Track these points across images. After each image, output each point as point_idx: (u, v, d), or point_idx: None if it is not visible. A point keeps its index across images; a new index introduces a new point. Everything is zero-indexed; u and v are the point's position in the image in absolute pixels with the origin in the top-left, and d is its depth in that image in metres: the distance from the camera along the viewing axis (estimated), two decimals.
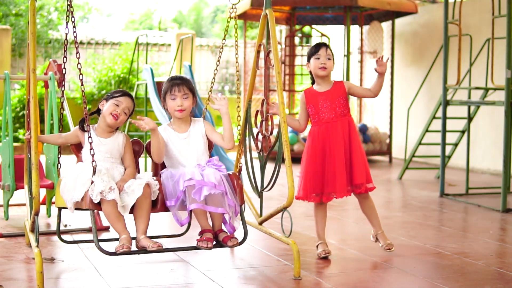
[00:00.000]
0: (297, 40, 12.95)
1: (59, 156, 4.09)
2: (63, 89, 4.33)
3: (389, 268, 3.94)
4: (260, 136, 4.26)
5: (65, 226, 4.90)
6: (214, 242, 3.61)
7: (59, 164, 4.02)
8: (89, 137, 3.48)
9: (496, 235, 5.05)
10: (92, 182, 3.41)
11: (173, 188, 3.58)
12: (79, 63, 3.50)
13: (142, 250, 3.45)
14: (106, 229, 4.77)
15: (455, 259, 4.17)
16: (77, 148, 3.80)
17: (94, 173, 3.41)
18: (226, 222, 3.69)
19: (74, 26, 3.53)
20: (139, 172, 3.78)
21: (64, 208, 3.66)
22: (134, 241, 3.54)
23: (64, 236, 4.62)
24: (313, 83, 4.29)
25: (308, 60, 4.21)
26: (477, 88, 7.12)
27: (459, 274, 3.84)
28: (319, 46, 4.18)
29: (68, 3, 3.57)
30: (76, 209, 3.53)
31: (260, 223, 4.24)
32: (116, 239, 3.68)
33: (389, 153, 10.45)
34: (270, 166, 4.09)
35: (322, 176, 4.15)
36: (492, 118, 8.98)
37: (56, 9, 15.93)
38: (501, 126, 7.79)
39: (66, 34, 3.60)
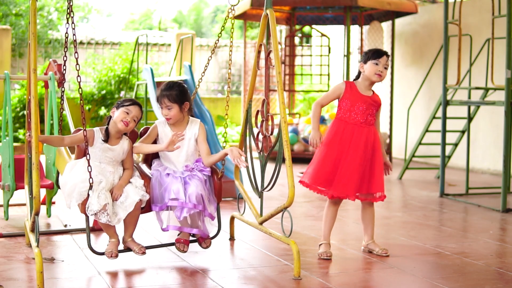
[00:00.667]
0: (297, 40, 12.96)
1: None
2: (62, 89, 4.36)
3: (389, 268, 3.94)
4: (260, 136, 4.27)
5: (65, 226, 4.90)
6: (191, 238, 4.02)
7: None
8: (88, 153, 3.67)
9: (496, 235, 5.05)
10: (89, 195, 3.69)
11: (160, 195, 3.89)
12: (77, 63, 3.64)
13: (127, 249, 3.89)
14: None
15: (455, 259, 4.17)
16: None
17: (91, 188, 3.68)
18: (204, 230, 4.00)
19: (73, 29, 3.68)
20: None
21: None
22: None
23: (64, 236, 4.63)
24: (356, 78, 4.28)
25: (365, 62, 4.17)
26: (477, 88, 7.12)
27: (459, 274, 3.84)
28: (382, 53, 4.16)
29: (69, 5, 3.63)
30: None
31: (260, 223, 4.24)
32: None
33: (389, 153, 10.45)
34: (270, 166, 4.09)
35: (332, 174, 4.13)
36: (492, 118, 8.98)
37: (56, 10, 15.93)
38: (501, 126, 7.80)
39: (66, 33, 3.76)
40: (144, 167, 4.10)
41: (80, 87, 3.70)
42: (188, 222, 3.93)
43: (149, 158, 4.16)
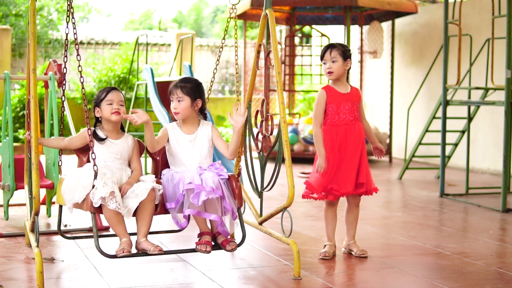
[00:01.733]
0: (297, 40, 12.96)
1: (60, 153, 4.07)
2: (63, 88, 4.35)
3: (389, 268, 3.94)
4: (260, 136, 4.26)
5: (65, 226, 4.90)
6: (213, 243, 3.65)
7: (60, 162, 4.01)
8: (91, 141, 3.50)
9: (496, 235, 5.05)
10: (94, 186, 3.42)
11: (172, 191, 3.61)
12: (79, 65, 3.54)
13: (142, 253, 3.49)
14: (106, 229, 4.76)
15: (455, 259, 4.17)
16: (80, 150, 3.78)
17: (95, 177, 3.42)
18: (224, 225, 3.69)
19: (74, 28, 3.57)
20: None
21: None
22: (134, 242, 3.56)
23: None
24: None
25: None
26: (477, 88, 7.12)
27: (459, 274, 3.84)
28: (324, 50, 4.17)
29: (68, 3, 3.59)
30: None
31: (260, 223, 4.24)
32: (114, 235, 3.65)
33: (389, 153, 10.45)
34: (270, 166, 4.09)
35: (331, 180, 4.12)
36: (492, 118, 8.98)
37: (56, 10, 15.93)
38: (501, 126, 7.79)
39: (67, 34, 3.63)
40: None
41: (83, 87, 3.53)
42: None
43: (158, 172, 3.90)
